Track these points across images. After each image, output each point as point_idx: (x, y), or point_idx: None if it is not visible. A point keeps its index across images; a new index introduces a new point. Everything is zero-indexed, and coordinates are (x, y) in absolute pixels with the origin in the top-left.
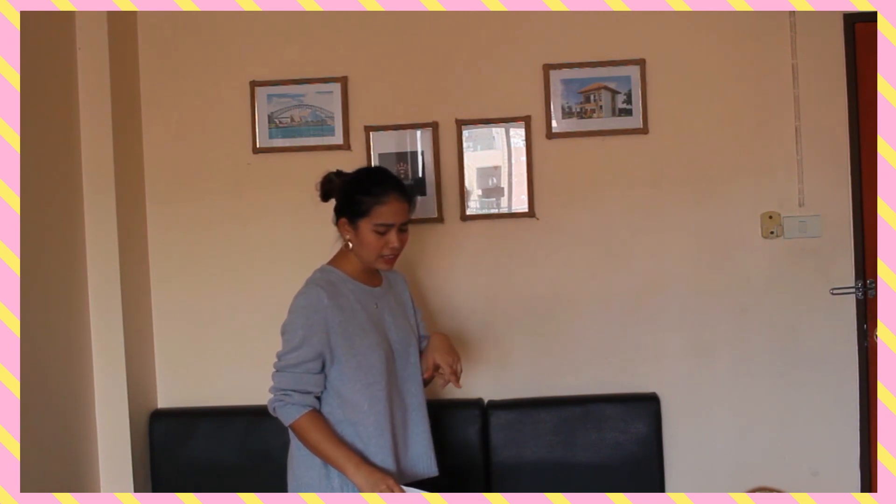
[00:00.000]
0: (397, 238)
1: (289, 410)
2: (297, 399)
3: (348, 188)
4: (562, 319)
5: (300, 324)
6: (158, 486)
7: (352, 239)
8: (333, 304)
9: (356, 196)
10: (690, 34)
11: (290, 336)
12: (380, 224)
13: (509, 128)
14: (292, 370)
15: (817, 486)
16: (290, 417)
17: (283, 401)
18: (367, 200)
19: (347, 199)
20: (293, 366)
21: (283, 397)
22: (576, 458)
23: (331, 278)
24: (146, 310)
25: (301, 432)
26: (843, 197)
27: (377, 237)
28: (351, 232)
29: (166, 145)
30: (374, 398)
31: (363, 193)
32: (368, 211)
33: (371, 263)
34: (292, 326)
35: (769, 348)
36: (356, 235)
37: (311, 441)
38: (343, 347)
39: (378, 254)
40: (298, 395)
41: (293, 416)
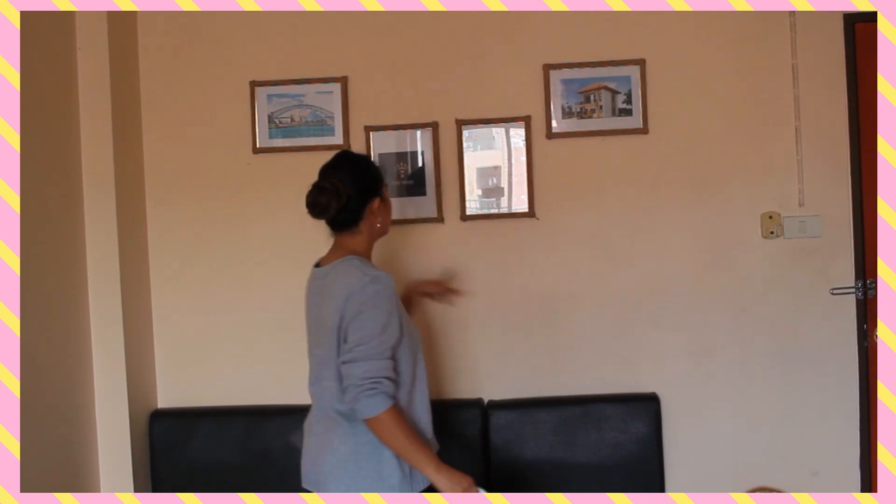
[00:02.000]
0: None
1: (379, 400)
2: (388, 388)
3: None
4: (562, 319)
5: (382, 310)
6: (158, 486)
7: (381, 216)
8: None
9: (373, 171)
10: (690, 34)
11: (371, 324)
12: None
13: (509, 128)
14: (379, 358)
15: (817, 486)
16: (379, 408)
17: (375, 389)
18: (376, 171)
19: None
20: (379, 353)
21: (375, 385)
22: (576, 458)
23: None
24: (146, 310)
25: (388, 424)
26: (843, 197)
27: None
28: (382, 207)
29: (166, 145)
30: (419, 377)
31: (372, 167)
32: (383, 176)
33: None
34: (371, 314)
35: (769, 348)
36: (385, 207)
37: (397, 434)
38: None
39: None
40: (389, 382)
41: (382, 406)
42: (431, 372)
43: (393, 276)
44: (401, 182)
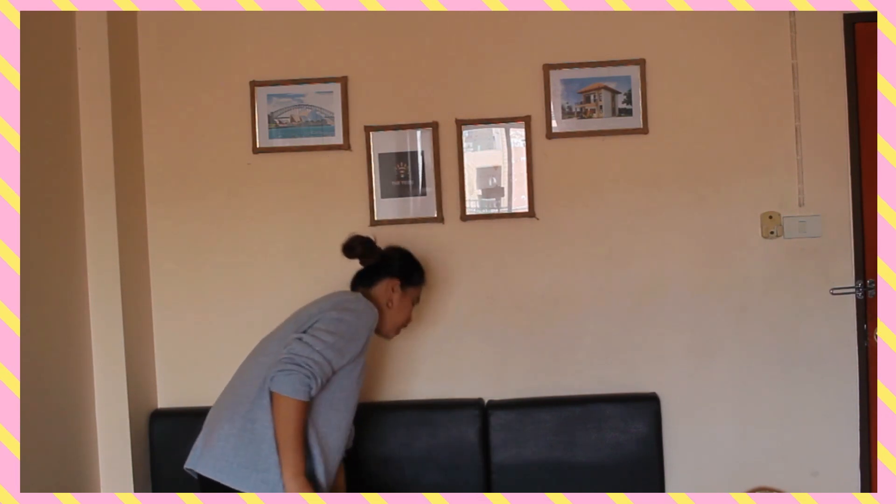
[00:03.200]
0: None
1: (302, 383)
2: (314, 385)
3: (408, 260)
4: (562, 319)
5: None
6: (158, 486)
7: (392, 302)
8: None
9: (416, 267)
10: (690, 34)
11: (346, 329)
12: (418, 298)
13: (509, 128)
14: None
15: (817, 486)
16: (297, 392)
17: (309, 377)
18: (419, 276)
19: (409, 267)
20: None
21: (310, 373)
22: (576, 458)
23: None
24: (146, 309)
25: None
26: (843, 197)
27: (410, 308)
28: (398, 294)
29: (166, 145)
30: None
31: (418, 268)
32: (419, 283)
33: (392, 330)
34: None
35: (769, 348)
36: (400, 299)
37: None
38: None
39: (403, 323)
40: (317, 382)
41: (301, 393)
42: (431, 372)
43: None
44: (401, 182)
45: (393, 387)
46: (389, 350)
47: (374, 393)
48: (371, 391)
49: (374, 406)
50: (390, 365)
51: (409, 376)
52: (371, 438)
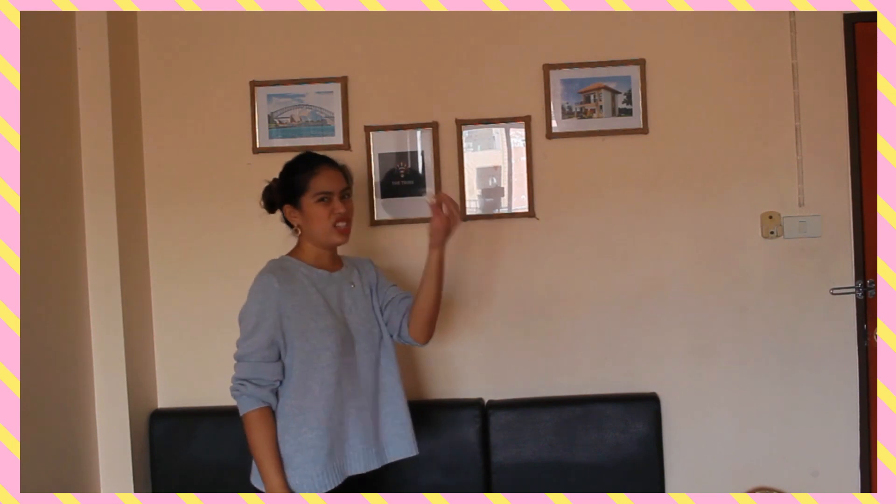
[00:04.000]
0: (341, 204)
1: (242, 402)
2: (251, 391)
3: (282, 178)
4: (562, 319)
5: (253, 311)
6: (158, 486)
7: (301, 223)
8: (285, 289)
9: (291, 178)
10: (690, 34)
11: (245, 324)
12: (319, 193)
13: (509, 128)
14: (248, 359)
15: (817, 486)
16: (242, 409)
17: (239, 391)
18: (301, 177)
19: (285, 186)
20: (248, 355)
21: (239, 387)
22: (576, 458)
23: (284, 265)
24: (146, 309)
25: (247, 426)
26: (843, 197)
27: (321, 207)
28: (298, 215)
29: (166, 145)
30: (325, 382)
31: (295, 173)
32: (305, 185)
33: (327, 238)
34: (245, 314)
35: (769, 348)
36: (303, 216)
37: (251, 438)
38: (296, 331)
39: (330, 224)
40: (252, 386)
41: (244, 408)
42: (431, 372)
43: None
44: (401, 182)
45: None
46: None
47: None
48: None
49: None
50: None
51: (408, 376)
52: None
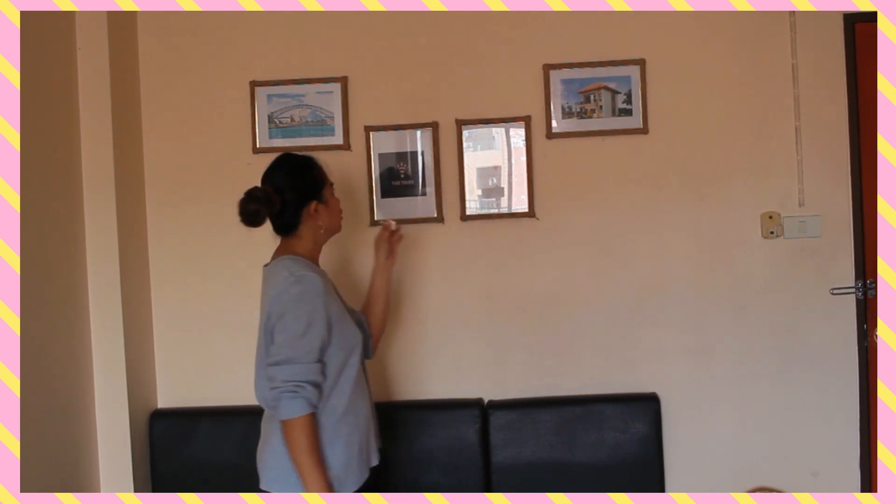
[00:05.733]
0: None
1: (297, 404)
2: (309, 393)
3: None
4: (562, 319)
5: (303, 311)
6: (158, 486)
7: (323, 218)
8: (325, 289)
9: (310, 174)
10: (690, 34)
11: (294, 325)
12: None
13: (509, 128)
14: (302, 361)
15: (817, 486)
16: (296, 412)
17: (296, 392)
18: (317, 172)
19: (307, 184)
20: (303, 356)
21: (297, 389)
22: (576, 458)
23: (307, 264)
24: (146, 310)
25: (297, 430)
26: (843, 197)
27: (335, 198)
28: (323, 210)
29: (166, 145)
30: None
31: (311, 168)
32: (323, 178)
33: (338, 226)
34: (293, 315)
35: (769, 348)
36: (327, 209)
37: (301, 441)
38: (336, 331)
39: (340, 213)
40: (311, 388)
41: (299, 410)
42: (432, 372)
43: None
44: (401, 182)
45: (393, 387)
46: (390, 350)
47: (375, 393)
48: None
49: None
50: (390, 366)
51: (409, 376)
52: None
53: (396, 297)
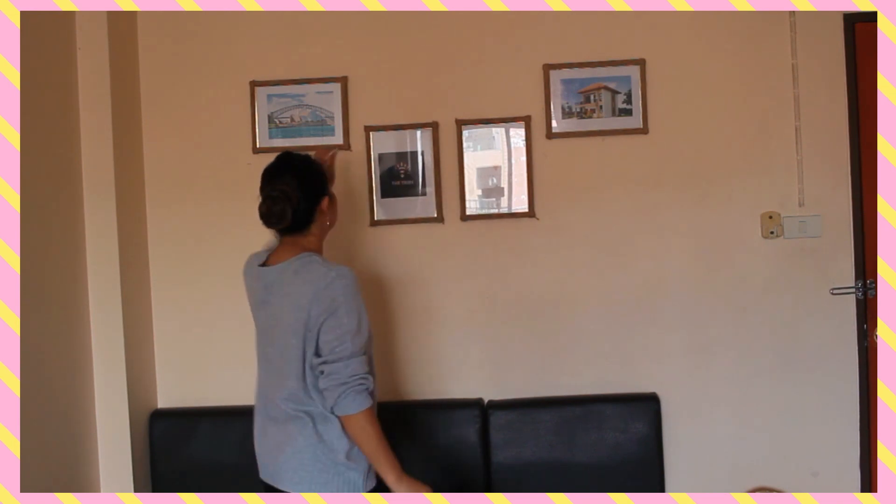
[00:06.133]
0: None
1: (364, 397)
2: (371, 384)
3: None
4: (562, 319)
5: (354, 306)
6: (158, 486)
7: (332, 216)
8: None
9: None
10: (690, 34)
11: (348, 320)
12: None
13: (509, 128)
14: (361, 354)
15: (817, 486)
16: (363, 405)
17: (363, 385)
18: (321, 169)
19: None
20: (360, 350)
21: (363, 382)
22: (576, 458)
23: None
24: (146, 310)
25: (368, 422)
26: (843, 197)
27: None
28: (333, 205)
29: (166, 146)
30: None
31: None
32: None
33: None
34: (346, 310)
35: (769, 348)
36: (332, 204)
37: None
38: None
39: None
40: (372, 380)
41: (366, 404)
42: (432, 372)
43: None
44: (401, 182)
45: (393, 387)
46: (390, 350)
47: None
48: None
49: None
50: (391, 365)
51: (409, 376)
52: None
53: (396, 296)
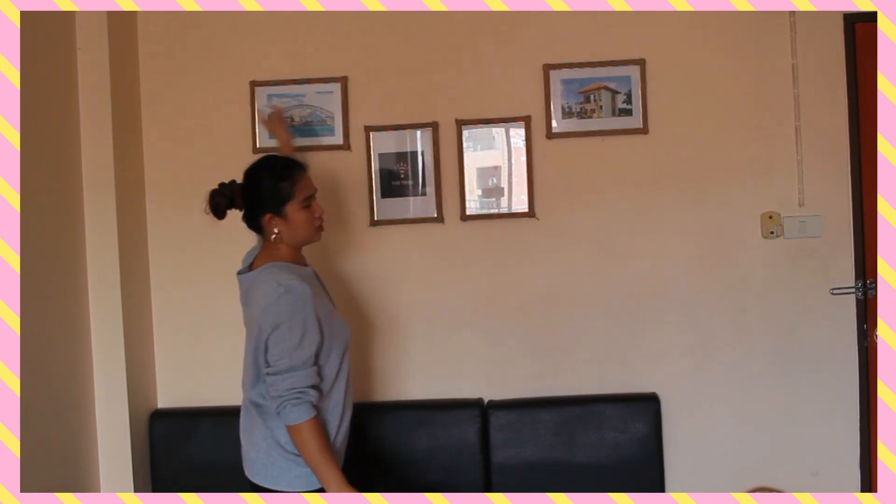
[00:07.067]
0: (318, 205)
1: (302, 410)
2: (311, 397)
3: (262, 184)
4: (562, 319)
5: (298, 320)
6: (158, 486)
7: (282, 229)
8: (312, 293)
9: (276, 186)
10: (690, 34)
11: (290, 333)
12: (305, 199)
13: (509, 128)
14: (304, 367)
15: (817, 486)
16: (301, 417)
17: (300, 399)
18: (286, 185)
19: (266, 193)
20: (304, 363)
21: (300, 395)
22: (576, 458)
23: (291, 270)
24: (146, 310)
25: (306, 433)
26: (843, 197)
27: (308, 212)
28: (280, 222)
29: (166, 145)
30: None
31: (281, 180)
32: (291, 193)
33: (310, 239)
34: (288, 326)
35: (769, 348)
36: (286, 222)
37: (314, 443)
38: (327, 334)
39: (313, 227)
40: (314, 391)
41: (305, 416)
42: (431, 372)
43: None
44: (401, 182)
45: (393, 387)
46: (390, 350)
47: (375, 393)
48: (371, 391)
49: (375, 406)
50: (390, 365)
51: (409, 376)
52: (371, 438)
53: (396, 296)
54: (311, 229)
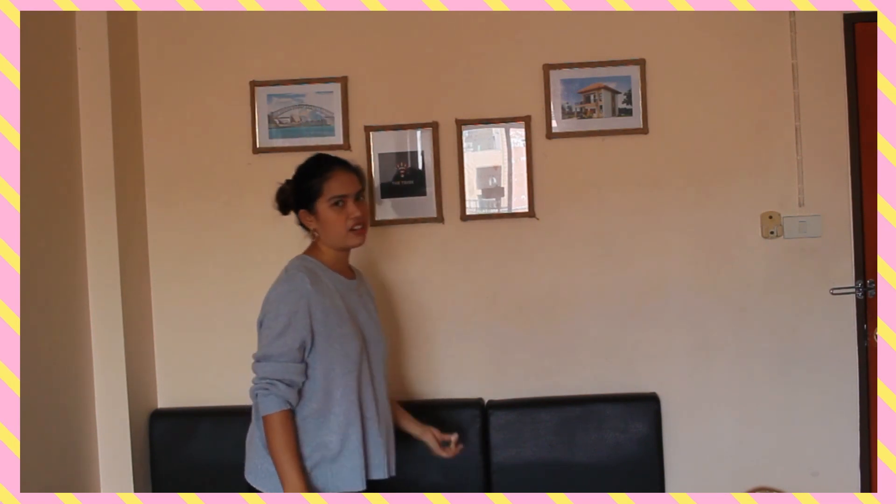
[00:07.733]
0: (356, 207)
1: (270, 401)
2: (282, 391)
3: (297, 182)
4: (562, 319)
5: (284, 310)
6: (158, 486)
7: (316, 227)
8: (315, 290)
9: (305, 184)
10: (690, 34)
11: (274, 322)
12: (333, 197)
13: (509, 128)
14: (278, 359)
15: (817, 486)
16: (269, 409)
17: (268, 390)
18: (315, 182)
19: (299, 191)
20: (280, 355)
21: (269, 386)
22: (576, 458)
23: (309, 265)
24: (146, 309)
25: (271, 426)
26: (843, 197)
27: (337, 211)
28: (313, 219)
29: (166, 145)
30: (347, 387)
31: (310, 178)
32: (320, 190)
33: (343, 241)
34: (274, 312)
35: (769, 348)
36: (318, 220)
37: (276, 439)
38: (323, 334)
39: (345, 228)
40: (284, 386)
41: (272, 408)
42: (431, 372)
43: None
44: (401, 182)
45: (393, 387)
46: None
47: None
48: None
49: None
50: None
51: (409, 377)
52: None
53: (396, 296)
54: (342, 230)
